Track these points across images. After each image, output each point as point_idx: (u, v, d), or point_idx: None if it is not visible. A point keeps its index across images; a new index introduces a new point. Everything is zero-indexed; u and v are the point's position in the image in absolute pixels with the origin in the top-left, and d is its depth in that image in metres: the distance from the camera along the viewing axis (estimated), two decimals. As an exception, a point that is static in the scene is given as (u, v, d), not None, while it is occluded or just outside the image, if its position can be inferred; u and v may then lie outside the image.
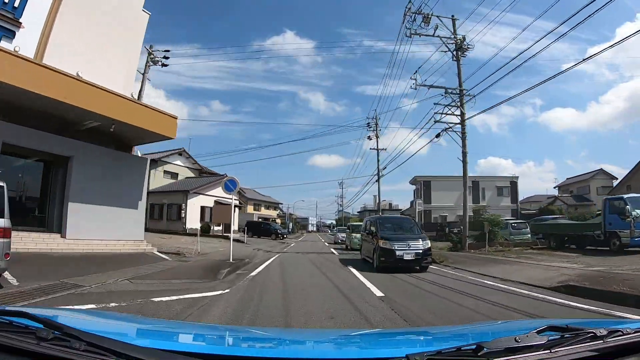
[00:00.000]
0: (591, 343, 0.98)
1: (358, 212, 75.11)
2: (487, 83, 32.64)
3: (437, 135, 18.06)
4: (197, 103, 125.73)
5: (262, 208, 57.38)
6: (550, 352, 0.94)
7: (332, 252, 18.45)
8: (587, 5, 9.44)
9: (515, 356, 0.93)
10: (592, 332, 1.01)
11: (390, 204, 64.31)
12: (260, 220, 42.24)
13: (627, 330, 1.03)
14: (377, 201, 32.17)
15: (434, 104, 17.89)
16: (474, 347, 0.94)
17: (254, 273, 9.18)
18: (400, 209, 61.82)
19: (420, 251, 10.16)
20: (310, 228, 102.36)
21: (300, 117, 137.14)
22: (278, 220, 55.42)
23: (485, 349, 0.92)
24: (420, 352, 0.93)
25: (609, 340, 0.99)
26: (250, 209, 50.05)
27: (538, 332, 1.00)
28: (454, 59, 17.64)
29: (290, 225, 56.52)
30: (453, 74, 17.74)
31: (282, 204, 67.25)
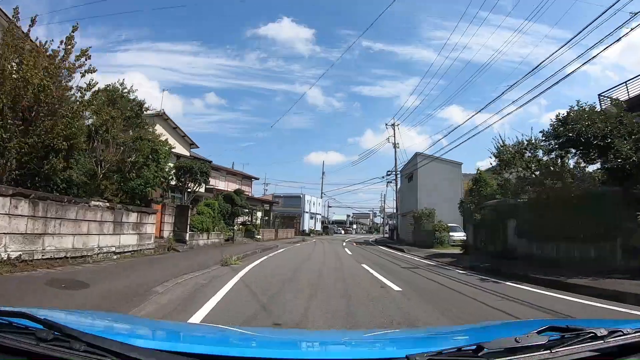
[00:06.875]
0: (592, 343, 0.98)
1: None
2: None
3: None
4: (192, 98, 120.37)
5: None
6: (551, 352, 0.94)
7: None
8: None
9: (516, 356, 0.92)
10: (593, 332, 1.01)
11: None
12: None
13: (628, 330, 1.03)
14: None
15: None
16: (474, 347, 0.94)
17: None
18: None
19: None
20: (306, 225, 48.41)
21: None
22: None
23: (485, 349, 0.92)
24: (421, 352, 0.93)
25: (609, 340, 0.99)
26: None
27: (538, 333, 1.01)
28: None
29: None
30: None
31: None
